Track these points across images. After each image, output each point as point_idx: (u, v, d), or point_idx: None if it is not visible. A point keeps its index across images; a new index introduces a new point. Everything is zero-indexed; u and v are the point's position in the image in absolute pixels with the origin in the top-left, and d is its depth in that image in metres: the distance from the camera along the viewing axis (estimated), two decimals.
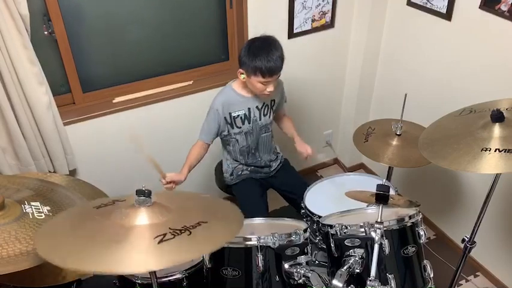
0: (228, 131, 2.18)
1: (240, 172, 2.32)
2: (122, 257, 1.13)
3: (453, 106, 1.83)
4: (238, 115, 2.14)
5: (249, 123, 2.17)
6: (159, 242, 1.16)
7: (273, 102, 2.21)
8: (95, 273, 1.12)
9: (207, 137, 2.17)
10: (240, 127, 2.16)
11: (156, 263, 1.13)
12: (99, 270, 1.11)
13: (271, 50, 1.96)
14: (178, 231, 1.21)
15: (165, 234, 1.19)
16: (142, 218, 1.26)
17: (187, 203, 1.48)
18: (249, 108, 2.14)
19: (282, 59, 1.99)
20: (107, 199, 1.43)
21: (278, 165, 2.39)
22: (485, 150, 1.48)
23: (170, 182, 2.06)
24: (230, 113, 2.13)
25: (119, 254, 1.14)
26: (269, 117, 2.22)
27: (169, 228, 1.22)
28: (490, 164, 1.45)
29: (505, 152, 1.45)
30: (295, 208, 2.29)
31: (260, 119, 2.19)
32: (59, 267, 1.67)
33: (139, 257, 1.14)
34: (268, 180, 2.38)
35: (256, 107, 2.16)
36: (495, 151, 1.47)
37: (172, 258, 1.14)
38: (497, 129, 1.53)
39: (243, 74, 2.04)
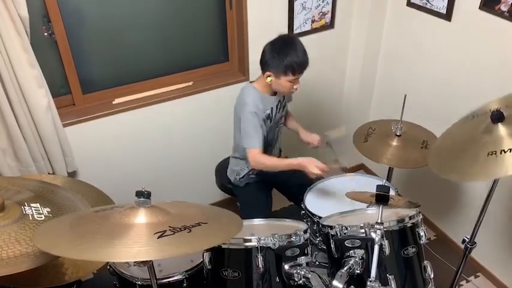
0: None
1: (249, 175, 2.31)
2: (121, 248, 1.14)
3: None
4: (267, 114, 2.14)
5: (271, 122, 2.18)
6: (158, 237, 1.17)
7: (283, 97, 2.24)
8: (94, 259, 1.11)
9: (259, 143, 2.05)
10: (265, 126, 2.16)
11: (156, 253, 1.13)
12: (99, 259, 1.11)
13: (296, 46, 1.98)
14: (178, 229, 1.21)
15: (164, 231, 1.19)
16: (142, 217, 1.26)
17: (187, 209, 1.48)
18: (271, 108, 2.16)
19: (306, 51, 2.00)
20: (106, 206, 1.44)
21: None
22: (491, 154, 1.44)
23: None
24: (264, 112, 2.11)
25: (119, 246, 1.14)
26: (282, 111, 2.25)
27: (169, 226, 1.22)
28: (496, 167, 1.42)
29: (510, 151, 1.42)
30: (298, 205, 2.29)
31: (276, 116, 2.21)
32: (59, 267, 1.68)
33: (139, 248, 1.14)
34: (272, 180, 2.37)
35: (276, 105, 2.18)
36: (501, 153, 1.44)
37: (172, 250, 1.13)
38: (499, 130, 1.50)
39: (269, 76, 2.03)
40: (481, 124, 1.60)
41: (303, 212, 2.10)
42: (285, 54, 1.96)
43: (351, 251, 1.67)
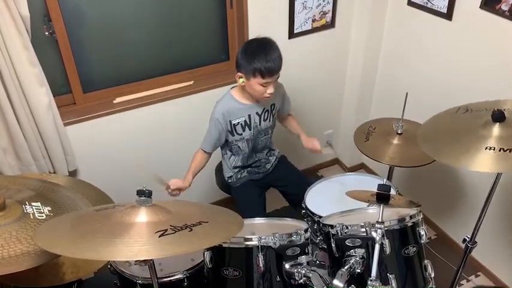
0: (229, 138, 2.17)
1: (239, 176, 2.32)
2: (122, 247, 1.14)
3: (454, 105, 1.83)
4: (239, 122, 2.12)
5: (250, 129, 2.16)
6: (159, 236, 1.16)
7: (272, 106, 2.20)
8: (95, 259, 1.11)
9: (207, 146, 2.17)
10: (241, 134, 2.16)
11: (157, 252, 1.13)
12: (100, 258, 1.11)
13: (269, 50, 1.94)
14: (179, 228, 1.21)
15: (165, 230, 1.19)
16: (143, 216, 1.26)
17: (188, 208, 1.49)
18: (249, 115, 2.13)
19: (280, 58, 1.97)
20: (107, 205, 1.44)
21: (274, 160, 2.39)
22: (489, 149, 1.48)
23: (175, 190, 2.06)
24: (230, 121, 2.11)
25: (120, 245, 1.14)
26: (269, 121, 2.21)
27: (170, 225, 1.22)
28: (493, 162, 1.45)
29: (510, 151, 1.45)
30: (294, 207, 2.30)
31: (260, 124, 2.18)
32: (59, 267, 1.68)
33: (140, 246, 1.14)
34: (267, 180, 2.38)
35: (256, 113, 2.15)
36: (499, 150, 1.46)
37: (173, 249, 1.13)
38: (498, 129, 1.53)
39: (241, 77, 2.01)
40: (478, 119, 1.61)
41: (304, 211, 2.10)
42: (254, 56, 1.92)
43: (352, 250, 1.67)
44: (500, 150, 1.46)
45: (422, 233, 1.72)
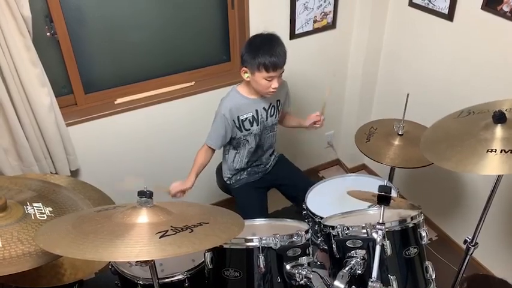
0: (237, 135, 2.18)
1: (238, 177, 2.33)
2: (123, 248, 1.14)
3: (455, 106, 1.83)
4: (246, 118, 2.13)
5: (258, 124, 2.17)
6: (160, 237, 1.17)
7: (278, 102, 2.22)
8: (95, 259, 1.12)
9: (214, 141, 2.16)
10: (249, 129, 2.16)
11: (158, 253, 1.13)
12: (101, 259, 1.11)
13: (273, 45, 1.97)
14: (179, 229, 1.21)
15: (166, 231, 1.19)
16: (144, 217, 1.26)
17: (189, 209, 1.49)
18: (256, 110, 2.14)
19: (284, 53, 1.99)
20: (108, 206, 1.44)
21: (273, 160, 2.40)
22: (491, 151, 1.47)
23: (177, 193, 2.06)
24: (238, 117, 2.12)
25: (121, 246, 1.15)
26: (275, 117, 2.23)
27: (171, 226, 1.22)
28: (496, 165, 1.44)
29: (511, 152, 1.44)
30: (296, 204, 2.29)
31: (267, 120, 2.19)
32: (58, 268, 1.68)
33: (141, 247, 1.14)
34: (266, 179, 2.38)
35: (263, 108, 2.16)
36: (500, 152, 1.46)
37: (174, 250, 1.13)
38: (499, 130, 1.52)
39: (246, 72, 2.03)
40: (480, 121, 1.60)
41: (305, 212, 2.10)
42: (259, 50, 1.94)
43: (353, 252, 1.67)
44: (501, 152, 1.46)
45: (424, 234, 1.72)
